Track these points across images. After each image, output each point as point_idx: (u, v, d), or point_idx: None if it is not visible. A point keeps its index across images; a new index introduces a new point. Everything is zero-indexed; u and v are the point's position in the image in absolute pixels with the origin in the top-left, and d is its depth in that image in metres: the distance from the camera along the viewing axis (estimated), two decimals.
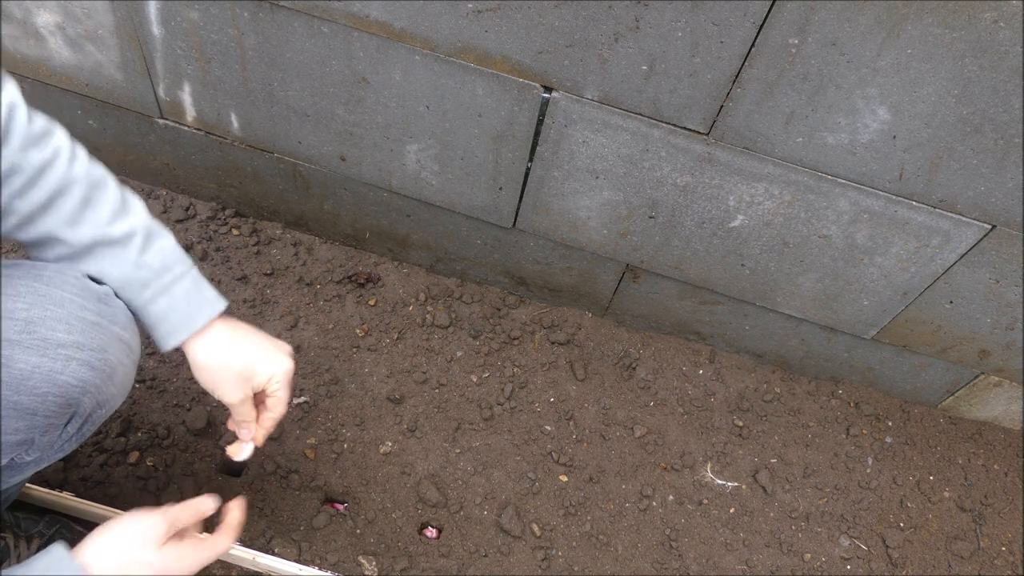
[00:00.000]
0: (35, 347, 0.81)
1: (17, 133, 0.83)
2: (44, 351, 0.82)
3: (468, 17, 1.09)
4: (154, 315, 0.92)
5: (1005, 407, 1.66)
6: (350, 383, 1.48)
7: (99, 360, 0.86)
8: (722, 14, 0.99)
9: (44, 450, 0.91)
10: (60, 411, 0.85)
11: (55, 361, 0.82)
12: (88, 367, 0.85)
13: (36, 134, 0.85)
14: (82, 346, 0.84)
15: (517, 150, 1.29)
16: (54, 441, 0.91)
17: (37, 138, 0.85)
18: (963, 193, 1.15)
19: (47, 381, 0.82)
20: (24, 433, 0.84)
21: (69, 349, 0.83)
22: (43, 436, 0.87)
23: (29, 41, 1.34)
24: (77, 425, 0.91)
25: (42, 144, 0.86)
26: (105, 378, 0.88)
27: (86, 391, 0.86)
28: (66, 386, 0.83)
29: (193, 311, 0.93)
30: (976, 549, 1.54)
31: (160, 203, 1.62)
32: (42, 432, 0.86)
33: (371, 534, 1.32)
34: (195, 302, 0.93)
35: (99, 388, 0.88)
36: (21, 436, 0.84)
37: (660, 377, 1.62)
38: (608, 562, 1.38)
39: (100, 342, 0.86)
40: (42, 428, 0.85)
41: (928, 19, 0.94)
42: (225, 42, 1.24)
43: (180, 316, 0.92)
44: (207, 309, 0.94)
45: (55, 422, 0.86)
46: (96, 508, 1.21)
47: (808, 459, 1.58)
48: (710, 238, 1.36)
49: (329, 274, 1.61)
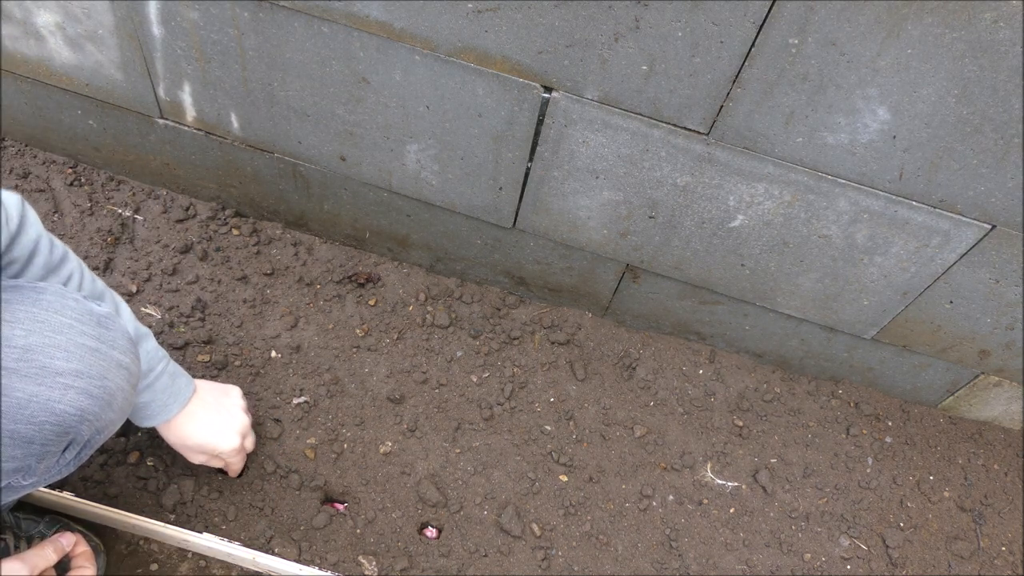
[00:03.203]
0: (33, 375, 0.80)
1: (39, 264, 0.95)
2: (42, 379, 0.81)
3: (468, 17, 1.09)
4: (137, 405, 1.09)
5: (1005, 407, 1.66)
6: (350, 383, 1.48)
7: (98, 388, 0.86)
8: (722, 14, 0.99)
9: (42, 475, 0.90)
10: (57, 439, 0.85)
11: (53, 390, 0.82)
12: (87, 395, 0.84)
13: (55, 262, 0.97)
14: (81, 374, 0.84)
15: (517, 150, 1.29)
16: (52, 467, 0.91)
17: (56, 265, 0.97)
18: (963, 193, 1.15)
19: (44, 410, 0.81)
20: (20, 460, 0.83)
21: (68, 377, 0.83)
22: (40, 463, 0.86)
23: (29, 41, 1.34)
24: (75, 451, 0.91)
25: (59, 270, 0.98)
26: (104, 405, 0.87)
27: (84, 419, 0.85)
28: (64, 415, 0.83)
29: (168, 402, 1.11)
30: (976, 549, 1.54)
31: (160, 203, 1.62)
32: (39, 459, 0.85)
33: (371, 534, 1.32)
34: (171, 394, 1.12)
35: (97, 415, 0.87)
36: (17, 463, 0.83)
37: (660, 377, 1.62)
38: (608, 562, 1.38)
39: (99, 369, 0.86)
40: (39, 455, 0.84)
41: (928, 19, 0.94)
42: (225, 42, 1.24)
43: (158, 406, 1.11)
44: (179, 399, 1.13)
45: (52, 449, 0.86)
46: (96, 508, 1.21)
47: (808, 459, 1.58)
48: (710, 238, 1.36)
49: (329, 274, 1.61)
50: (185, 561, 1.26)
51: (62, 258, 0.99)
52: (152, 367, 1.08)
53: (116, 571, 1.22)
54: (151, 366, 1.08)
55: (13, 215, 0.91)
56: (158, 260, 1.55)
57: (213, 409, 1.19)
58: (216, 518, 1.29)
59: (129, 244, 1.56)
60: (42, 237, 0.95)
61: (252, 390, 1.43)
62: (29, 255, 0.94)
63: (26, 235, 0.93)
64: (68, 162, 1.63)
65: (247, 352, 1.47)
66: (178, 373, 1.14)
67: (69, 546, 1.03)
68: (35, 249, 0.94)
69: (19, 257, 0.93)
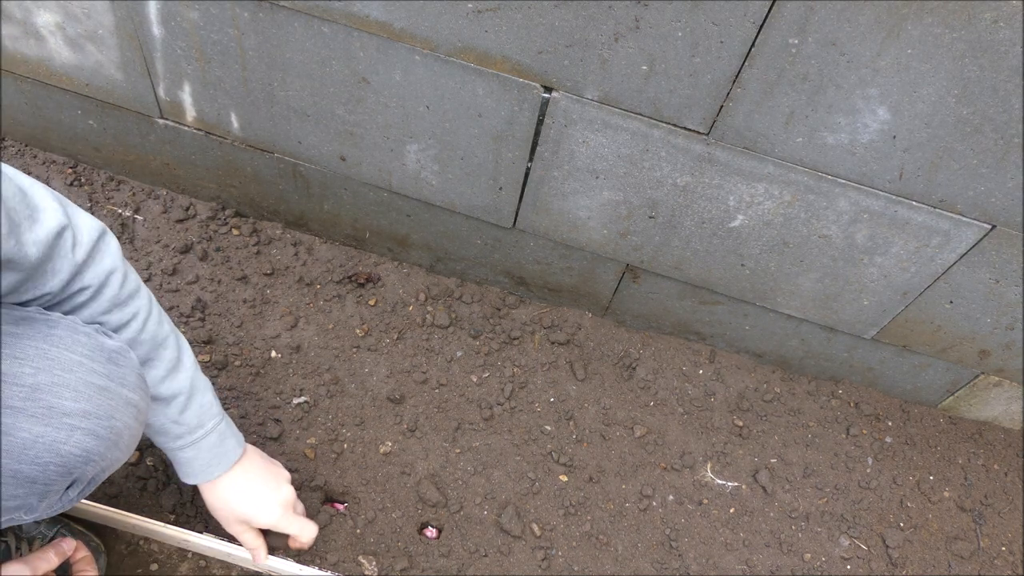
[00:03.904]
0: (39, 415, 0.79)
1: (107, 297, 0.94)
2: (48, 420, 0.80)
3: (468, 17, 1.09)
4: (179, 460, 1.07)
5: (1005, 407, 1.66)
6: (350, 383, 1.48)
7: (105, 428, 0.85)
8: (722, 14, 0.99)
9: (43, 511, 0.90)
10: (61, 479, 0.84)
11: (59, 431, 0.80)
12: (93, 436, 0.83)
13: (123, 298, 0.96)
14: (88, 414, 0.83)
15: (517, 150, 1.29)
16: (54, 504, 0.90)
17: (123, 302, 0.96)
18: (963, 193, 1.15)
19: (49, 451, 0.80)
20: (23, 499, 0.82)
21: (75, 418, 0.82)
22: (42, 501, 0.85)
23: (29, 41, 1.34)
24: (78, 489, 0.90)
25: (125, 306, 0.96)
26: (110, 445, 0.87)
27: (89, 460, 0.84)
28: (69, 456, 0.82)
29: (213, 463, 1.08)
30: (976, 549, 1.54)
31: (160, 203, 1.62)
32: (41, 498, 0.84)
33: (371, 534, 1.32)
34: (216, 455, 1.08)
35: (103, 455, 0.87)
36: (19, 502, 0.83)
37: (660, 377, 1.62)
38: (608, 562, 1.38)
39: (108, 409, 0.85)
40: (41, 495, 0.84)
41: (928, 19, 0.94)
42: (225, 42, 1.24)
43: (201, 465, 1.08)
44: (224, 462, 1.10)
45: (55, 488, 0.85)
46: (97, 508, 1.21)
47: (808, 459, 1.58)
48: (710, 238, 1.36)
49: (329, 274, 1.61)
50: (185, 561, 1.26)
51: (131, 294, 0.97)
52: (202, 423, 1.06)
53: (116, 571, 1.22)
54: (201, 422, 1.06)
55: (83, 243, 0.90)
56: (158, 260, 1.55)
57: (259, 478, 1.14)
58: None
59: (129, 244, 1.56)
60: (115, 272, 0.94)
61: (252, 390, 1.43)
62: (98, 287, 0.93)
63: (98, 266, 0.92)
64: (68, 162, 1.63)
65: (247, 352, 1.47)
66: (228, 434, 1.11)
67: (70, 551, 1.02)
68: (105, 282, 0.93)
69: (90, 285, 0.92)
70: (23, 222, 0.81)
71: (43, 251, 0.84)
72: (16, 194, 0.80)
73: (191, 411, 1.04)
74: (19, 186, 0.82)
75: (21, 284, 0.84)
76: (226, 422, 1.12)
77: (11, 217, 0.78)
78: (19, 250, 0.80)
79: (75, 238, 0.89)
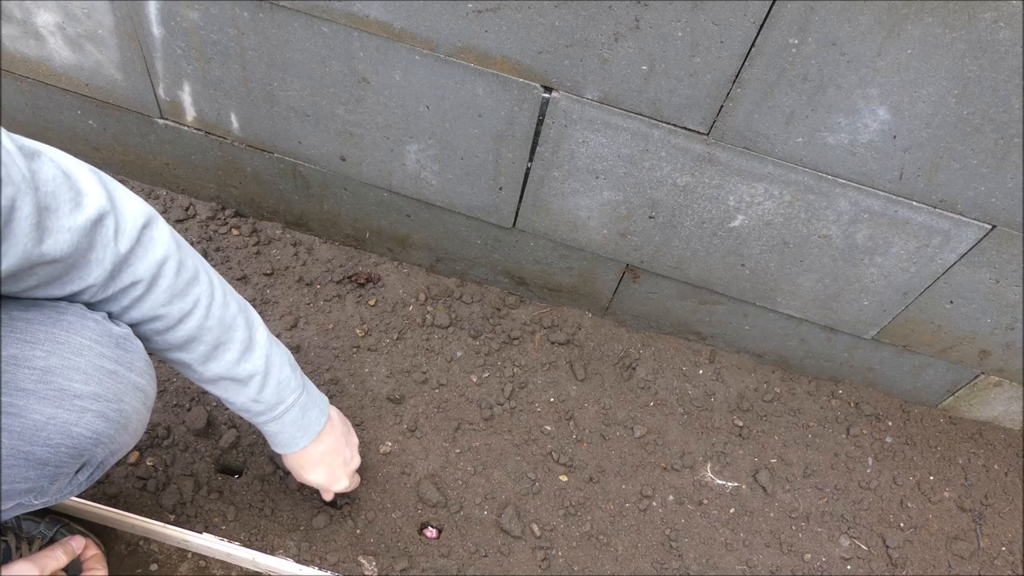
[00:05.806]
0: (51, 397, 0.80)
1: (163, 288, 0.89)
2: (60, 402, 0.80)
3: (468, 17, 1.09)
4: (266, 432, 1.10)
5: (1005, 407, 1.66)
6: (350, 383, 1.48)
7: (114, 411, 0.85)
8: (722, 14, 0.99)
9: (54, 495, 0.91)
10: (72, 461, 0.85)
11: (70, 413, 0.81)
12: (103, 418, 0.84)
13: (181, 287, 0.91)
14: (98, 397, 0.83)
15: (517, 150, 1.29)
16: (64, 487, 0.91)
17: (182, 290, 0.91)
18: (963, 193, 1.15)
19: (61, 432, 0.81)
20: (34, 481, 0.83)
21: (85, 400, 0.82)
22: (52, 484, 0.86)
23: (29, 41, 1.34)
24: (88, 473, 0.91)
25: (184, 295, 0.92)
26: (119, 428, 0.87)
27: (99, 442, 0.85)
28: (80, 438, 0.83)
29: (297, 436, 1.10)
30: (976, 549, 1.54)
31: (160, 203, 1.62)
32: (51, 480, 0.85)
33: (371, 534, 1.32)
34: (300, 427, 1.10)
35: (112, 438, 0.87)
36: (31, 484, 0.84)
37: (660, 377, 1.62)
38: (608, 562, 1.38)
39: (116, 392, 0.86)
40: (52, 477, 0.84)
41: (928, 19, 0.94)
42: (225, 42, 1.24)
43: (286, 439, 1.10)
44: (309, 432, 1.11)
45: (66, 471, 0.86)
46: (96, 508, 1.21)
47: (808, 459, 1.58)
48: (710, 238, 1.36)
49: (329, 274, 1.61)
50: (185, 561, 1.26)
51: (189, 281, 0.92)
52: (282, 399, 1.05)
53: (116, 571, 1.22)
54: (281, 398, 1.05)
55: (127, 231, 0.83)
56: None
57: (335, 452, 1.17)
58: (216, 518, 1.29)
59: None
60: (168, 260, 0.88)
61: None
62: (152, 279, 0.87)
63: (149, 256, 0.86)
64: None
65: None
66: (310, 405, 1.11)
67: (79, 549, 1.02)
68: (158, 272, 0.88)
69: (142, 279, 0.86)
70: (62, 206, 0.75)
71: (78, 238, 0.77)
72: (57, 176, 0.75)
73: (269, 389, 1.03)
74: (63, 169, 0.76)
75: (63, 274, 0.80)
76: (307, 393, 1.10)
77: (47, 204, 0.73)
78: (52, 240, 0.75)
79: (117, 226, 0.83)
